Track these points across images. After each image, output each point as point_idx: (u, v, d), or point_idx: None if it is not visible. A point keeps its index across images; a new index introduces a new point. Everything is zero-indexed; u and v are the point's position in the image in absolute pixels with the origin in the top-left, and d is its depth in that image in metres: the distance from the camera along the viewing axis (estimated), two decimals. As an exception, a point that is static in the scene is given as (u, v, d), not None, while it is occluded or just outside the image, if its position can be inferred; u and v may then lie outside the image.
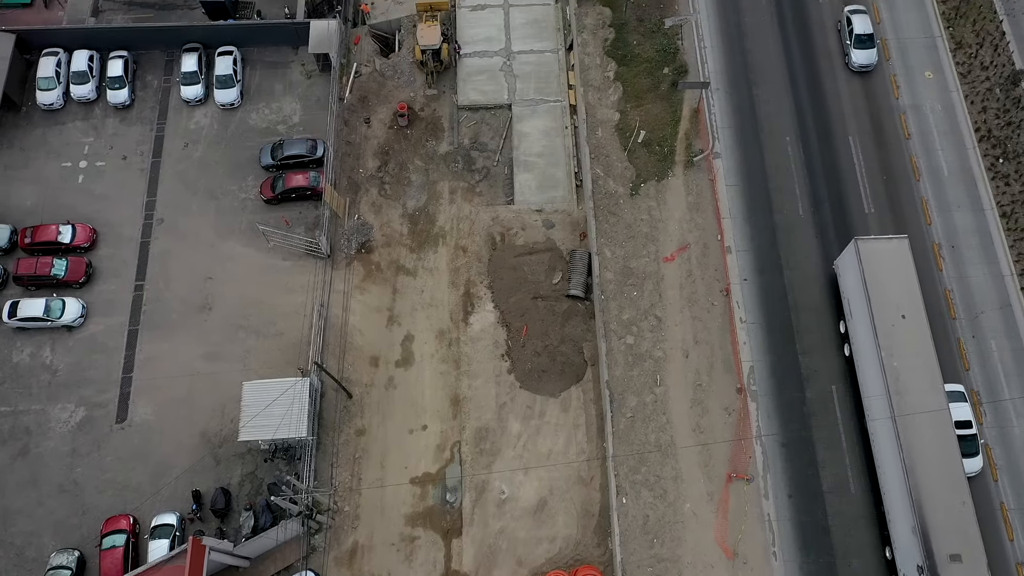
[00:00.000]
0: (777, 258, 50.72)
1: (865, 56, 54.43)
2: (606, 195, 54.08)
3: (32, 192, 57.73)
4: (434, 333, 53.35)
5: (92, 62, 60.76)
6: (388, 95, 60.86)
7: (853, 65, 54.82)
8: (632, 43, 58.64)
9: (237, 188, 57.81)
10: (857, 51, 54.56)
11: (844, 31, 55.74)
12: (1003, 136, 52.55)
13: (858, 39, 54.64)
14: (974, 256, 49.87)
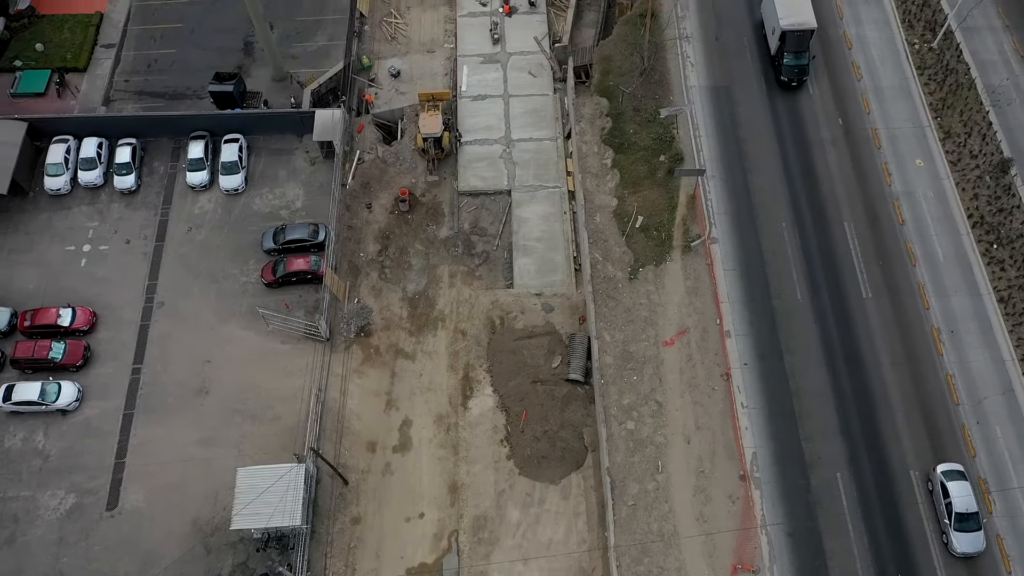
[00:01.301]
0: (777, 343, 50.65)
1: None
2: (605, 279, 54.42)
3: (35, 275, 58.09)
4: (432, 418, 52.77)
5: (101, 149, 62.14)
6: (390, 181, 61.99)
7: None
8: (629, 132, 60.12)
9: (239, 272, 58.20)
10: None
11: None
12: (995, 222, 53.29)
13: None
14: (974, 341, 49.81)
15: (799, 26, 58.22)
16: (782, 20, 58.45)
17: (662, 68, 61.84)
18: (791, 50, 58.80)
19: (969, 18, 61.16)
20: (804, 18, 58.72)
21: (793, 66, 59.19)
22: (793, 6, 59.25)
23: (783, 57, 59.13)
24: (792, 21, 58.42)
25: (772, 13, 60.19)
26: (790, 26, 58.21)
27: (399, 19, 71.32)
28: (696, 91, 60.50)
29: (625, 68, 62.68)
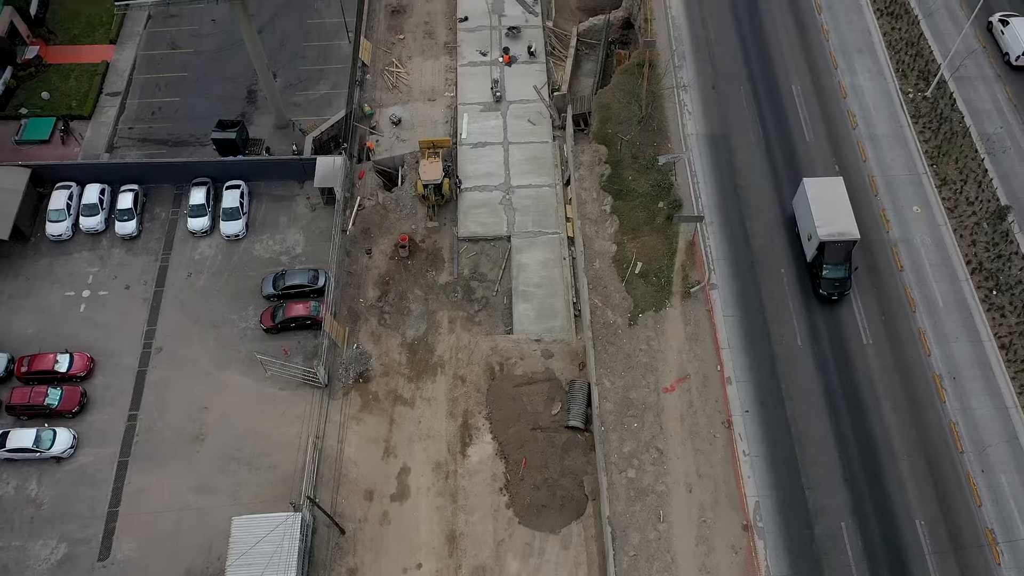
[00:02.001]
0: (778, 389, 50.29)
1: None
2: (604, 325, 54.29)
3: (33, 320, 58.00)
4: (431, 465, 52.16)
5: (103, 195, 62.59)
6: (390, 227, 62.28)
7: None
8: (627, 178, 60.57)
9: (237, 317, 58.09)
10: None
11: None
12: (994, 268, 53.36)
13: None
14: (976, 388, 49.46)
15: (839, 237, 51.39)
16: (820, 229, 51.43)
17: (660, 116, 62.57)
18: (831, 262, 51.70)
19: (962, 68, 62.08)
20: (845, 227, 51.71)
21: (834, 279, 51.83)
22: (832, 211, 52.29)
23: (822, 269, 51.85)
24: (831, 231, 51.43)
25: (807, 217, 53.15)
26: (829, 236, 51.36)
27: (401, 68, 72.48)
28: (694, 139, 61.09)
29: (623, 116, 63.43)
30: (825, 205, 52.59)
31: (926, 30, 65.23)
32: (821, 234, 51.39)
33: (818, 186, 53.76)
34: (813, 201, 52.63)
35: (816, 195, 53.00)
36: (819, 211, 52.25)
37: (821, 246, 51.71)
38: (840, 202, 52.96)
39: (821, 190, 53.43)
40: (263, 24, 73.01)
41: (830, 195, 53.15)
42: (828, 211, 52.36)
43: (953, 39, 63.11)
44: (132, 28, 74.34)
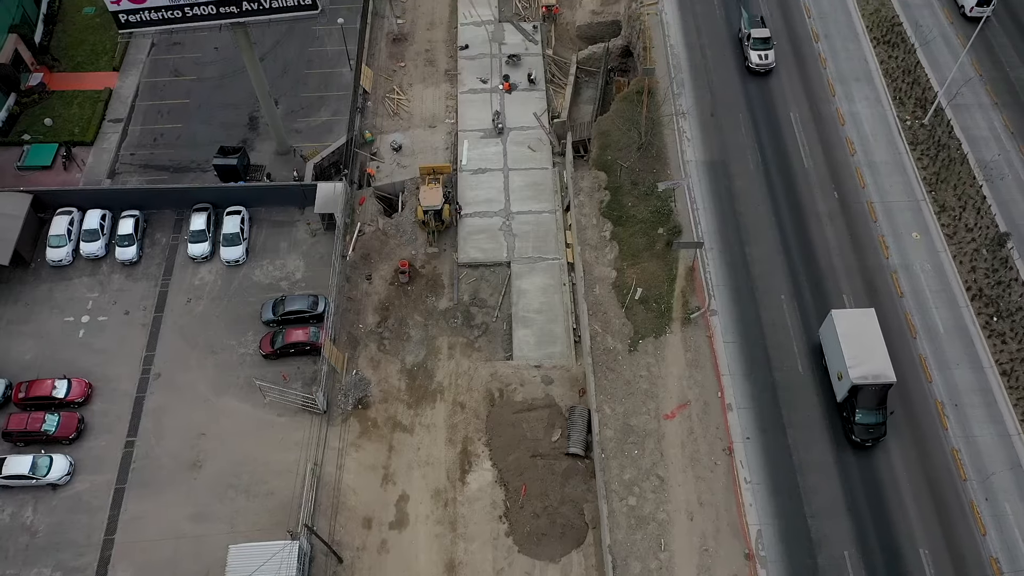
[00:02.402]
0: (779, 416, 50.02)
1: None
2: (604, 351, 54.14)
3: (32, 346, 57.84)
4: (430, 493, 51.73)
5: (104, 221, 62.71)
6: (390, 253, 62.35)
7: None
8: (627, 205, 60.76)
9: (236, 343, 57.94)
10: None
11: None
12: (994, 295, 53.33)
13: None
14: (979, 415, 49.20)
15: (874, 380, 46.97)
16: (852, 370, 46.91)
17: (659, 143, 62.91)
18: (865, 407, 47.47)
19: (959, 96, 62.56)
20: (879, 368, 47.26)
21: (867, 425, 47.63)
22: (864, 349, 47.70)
23: (854, 413, 47.70)
24: (864, 372, 46.94)
25: (836, 353, 48.69)
26: (863, 379, 46.89)
27: (402, 95, 73.01)
28: (693, 165, 61.37)
29: (623, 143, 63.78)
30: (856, 342, 47.81)
31: (922, 58, 65.87)
32: (853, 376, 46.77)
33: (848, 320, 48.97)
34: (843, 337, 47.98)
35: (846, 330, 48.30)
36: (850, 349, 47.55)
37: (853, 389, 47.27)
38: (873, 338, 48.08)
39: (851, 324, 48.66)
40: (265, 52, 73.68)
41: (861, 330, 48.42)
42: (860, 349, 47.60)
43: (949, 67, 63.71)
44: (136, 56, 75.00)
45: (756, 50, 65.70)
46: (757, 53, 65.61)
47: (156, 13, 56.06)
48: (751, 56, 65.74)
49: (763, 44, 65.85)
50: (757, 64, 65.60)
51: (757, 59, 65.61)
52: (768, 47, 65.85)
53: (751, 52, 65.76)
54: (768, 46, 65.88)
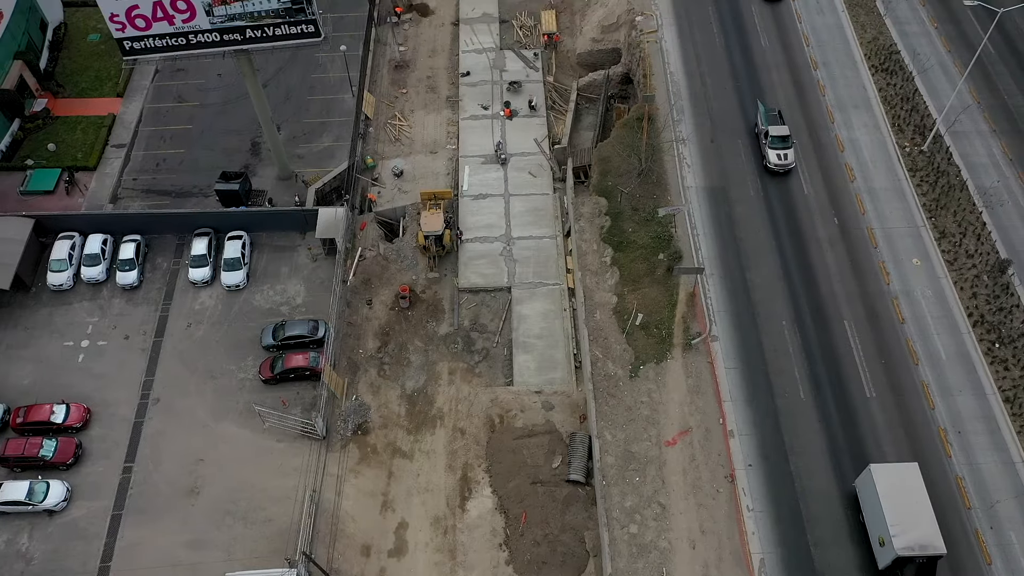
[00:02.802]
0: (781, 443, 49.68)
1: None
2: (605, 377, 53.93)
3: (31, 371, 57.67)
4: (429, 520, 51.27)
5: (105, 245, 62.83)
6: (391, 278, 62.37)
7: None
8: (627, 230, 60.86)
9: (236, 368, 57.77)
10: None
11: None
12: (996, 321, 53.22)
13: None
14: (982, 442, 48.86)
15: (921, 551, 41.87)
16: (895, 539, 41.98)
17: (659, 169, 63.15)
18: None
19: (957, 123, 62.91)
20: (926, 537, 42.16)
21: None
22: (908, 513, 42.90)
23: None
24: (910, 542, 41.93)
25: (876, 516, 43.76)
26: (908, 550, 41.77)
27: (403, 121, 73.49)
28: (693, 191, 61.56)
29: (623, 169, 64.03)
30: (899, 504, 42.94)
31: (921, 86, 66.36)
32: (897, 546, 41.74)
33: (888, 476, 44.12)
34: (884, 497, 43.22)
35: (887, 489, 43.55)
36: (892, 512, 42.66)
37: (898, 560, 42.15)
38: (917, 499, 43.14)
39: (892, 482, 43.88)
40: (268, 78, 74.29)
41: (904, 489, 43.55)
42: (903, 513, 42.71)
43: (947, 95, 64.15)
44: (139, 82, 75.61)
45: (775, 149, 60.78)
46: (776, 152, 60.67)
47: (160, 40, 56.64)
48: (769, 156, 60.80)
49: (782, 143, 60.87)
50: (776, 164, 60.55)
51: (776, 159, 60.58)
52: (787, 146, 60.76)
53: (769, 151, 60.83)
54: (787, 144, 60.80)
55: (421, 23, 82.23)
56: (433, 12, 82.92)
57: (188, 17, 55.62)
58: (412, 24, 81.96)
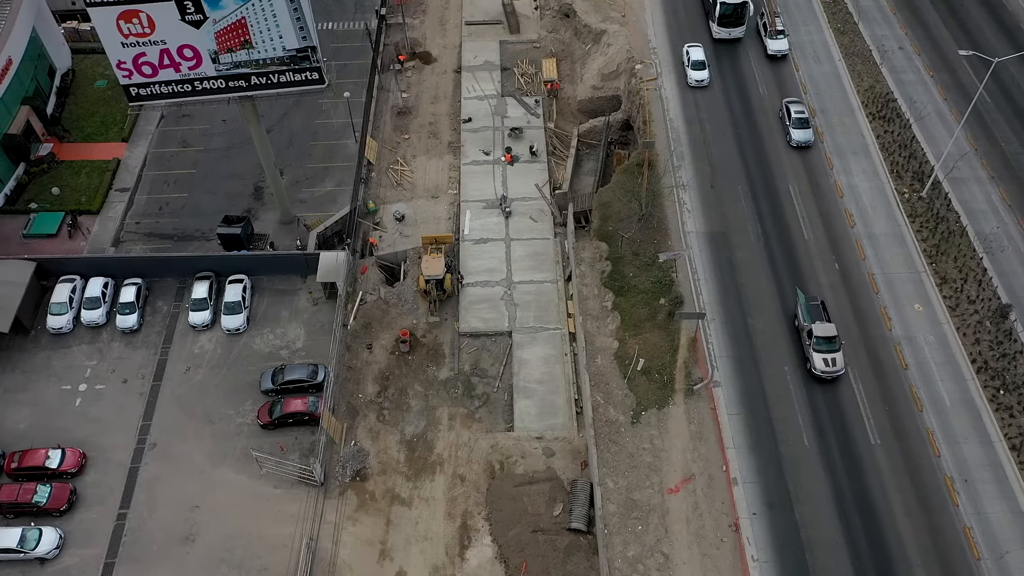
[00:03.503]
0: (786, 491, 48.94)
1: None
2: (607, 423, 53.41)
3: (28, 415, 57.20)
4: (428, 569, 50.29)
5: (106, 288, 62.82)
6: (391, 322, 62.20)
7: None
8: (628, 275, 60.87)
9: (234, 412, 57.29)
10: None
11: None
12: (1000, 368, 52.87)
13: None
14: (990, 491, 48.12)
15: None
16: None
17: (660, 214, 63.43)
18: None
19: (955, 169, 63.37)
20: None
21: None
22: None
23: None
24: None
25: None
26: None
27: (405, 166, 74.07)
28: (694, 236, 61.74)
29: (624, 214, 64.32)
30: None
31: (918, 133, 67.04)
32: None
33: None
34: None
35: None
36: None
37: None
38: None
39: None
40: (272, 124, 75.15)
41: None
42: None
43: (945, 142, 64.75)
44: (145, 127, 76.48)
45: (821, 352, 51.98)
46: (823, 357, 51.87)
47: (167, 87, 57.44)
48: (815, 360, 51.94)
49: (828, 345, 52.05)
50: (823, 371, 51.70)
51: (823, 365, 51.68)
52: (835, 348, 51.84)
53: (814, 355, 51.94)
54: (835, 347, 51.85)
55: (424, 70, 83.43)
56: (436, 60, 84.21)
57: (194, 64, 56.48)
58: (415, 71, 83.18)
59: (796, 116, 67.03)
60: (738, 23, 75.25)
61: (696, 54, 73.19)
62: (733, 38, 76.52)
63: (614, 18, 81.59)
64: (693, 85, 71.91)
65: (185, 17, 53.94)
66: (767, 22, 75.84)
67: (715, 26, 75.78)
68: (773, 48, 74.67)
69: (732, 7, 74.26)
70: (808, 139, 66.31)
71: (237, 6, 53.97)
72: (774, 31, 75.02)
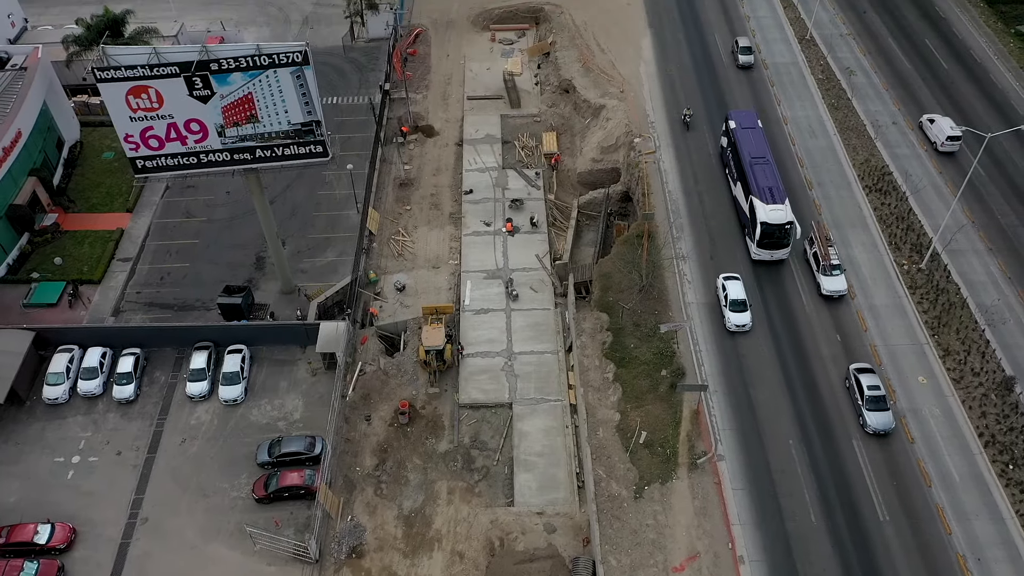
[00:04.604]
0: (794, 570, 47.55)
1: None
2: (609, 498, 52.30)
3: (19, 488, 56.05)
4: (425, 652, 48.51)
5: (104, 358, 62.43)
6: (391, 393, 61.60)
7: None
8: (629, 346, 60.57)
9: (229, 486, 56.17)
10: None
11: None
12: (1008, 442, 52.08)
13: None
14: (1004, 571, 46.75)
15: None
16: None
17: (660, 285, 63.53)
18: None
19: (953, 242, 63.77)
20: None
21: None
22: None
23: None
24: None
25: None
26: None
27: (407, 237, 74.57)
28: (694, 307, 61.70)
29: (624, 285, 64.43)
30: None
31: (915, 206, 67.74)
32: None
33: None
34: None
35: None
36: None
37: None
38: None
39: None
40: (276, 195, 76.01)
41: None
42: None
43: (942, 214, 65.36)
44: (150, 197, 77.34)
45: None
46: None
47: (173, 159, 58.25)
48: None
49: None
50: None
51: None
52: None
53: None
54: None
55: (426, 143, 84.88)
56: (438, 133, 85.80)
57: (200, 138, 57.42)
58: (418, 144, 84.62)
59: (870, 395, 53.08)
60: (782, 245, 62.29)
61: (735, 290, 59.96)
62: (776, 260, 63.56)
63: (612, 93, 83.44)
64: (732, 330, 59.07)
65: (193, 93, 55.11)
66: (818, 251, 61.85)
67: (754, 246, 62.67)
68: (829, 287, 60.32)
69: (776, 227, 61.22)
70: (889, 424, 52.53)
71: (244, 82, 55.19)
72: (828, 265, 60.88)
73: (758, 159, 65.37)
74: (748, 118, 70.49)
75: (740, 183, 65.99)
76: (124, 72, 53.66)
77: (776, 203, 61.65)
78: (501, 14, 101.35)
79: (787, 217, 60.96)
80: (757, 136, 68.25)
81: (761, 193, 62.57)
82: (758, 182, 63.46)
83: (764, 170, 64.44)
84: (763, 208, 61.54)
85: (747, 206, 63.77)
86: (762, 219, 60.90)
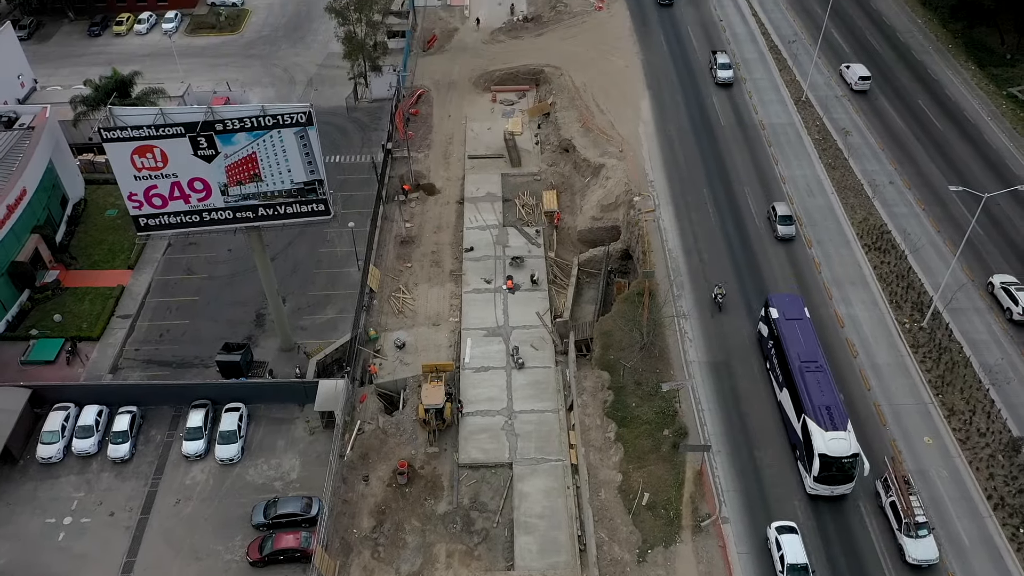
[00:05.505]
0: (802, 638, 46.18)
1: None
2: (612, 562, 51.13)
3: (8, 549, 54.89)
4: None
5: (100, 416, 61.79)
6: (389, 452, 60.75)
7: None
8: (631, 405, 59.98)
9: (223, 548, 54.98)
10: None
11: None
12: (1017, 504, 51.14)
13: None
14: (1018, 639, 45.48)
15: None
16: None
17: (661, 343, 63.25)
18: None
19: (954, 300, 63.70)
20: None
21: None
22: None
23: None
24: None
25: None
26: None
27: (407, 294, 74.57)
28: (696, 366, 61.32)
29: (625, 343, 64.15)
30: None
31: (914, 264, 67.88)
32: None
33: None
34: None
35: None
36: None
37: None
38: None
39: None
40: (277, 252, 76.29)
41: None
42: None
43: (941, 272, 65.46)
44: (151, 254, 77.61)
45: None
46: None
47: (175, 217, 58.63)
48: None
49: None
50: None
51: None
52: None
53: None
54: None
55: (427, 201, 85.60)
56: (439, 191, 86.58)
57: (204, 196, 57.89)
58: (419, 202, 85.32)
59: None
60: (845, 480, 51.22)
61: (793, 550, 47.88)
62: (837, 495, 52.31)
63: (612, 152, 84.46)
64: None
65: (198, 152, 55.76)
66: (896, 500, 50.07)
67: (810, 479, 51.56)
68: (916, 556, 48.15)
69: (837, 460, 50.40)
70: None
71: (249, 142, 55.90)
72: (913, 523, 48.63)
73: (809, 364, 54.39)
74: (793, 306, 59.15)
75: (787, 390, 55.48)
76: (130, 132, 54.39)
77: (837, 430, 50.71)
78: (502, 76, 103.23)
79: (852, 449, 50.14)
80: (806, 330, 56.94)
81: (818, 415, 51.43)
82: (812, 399, 52.34)
83: (819, 381, 53.30)
84: (820, 436, 50.53)
85: (799, 426, 53.02)
86: (820, 451, 50.05)
